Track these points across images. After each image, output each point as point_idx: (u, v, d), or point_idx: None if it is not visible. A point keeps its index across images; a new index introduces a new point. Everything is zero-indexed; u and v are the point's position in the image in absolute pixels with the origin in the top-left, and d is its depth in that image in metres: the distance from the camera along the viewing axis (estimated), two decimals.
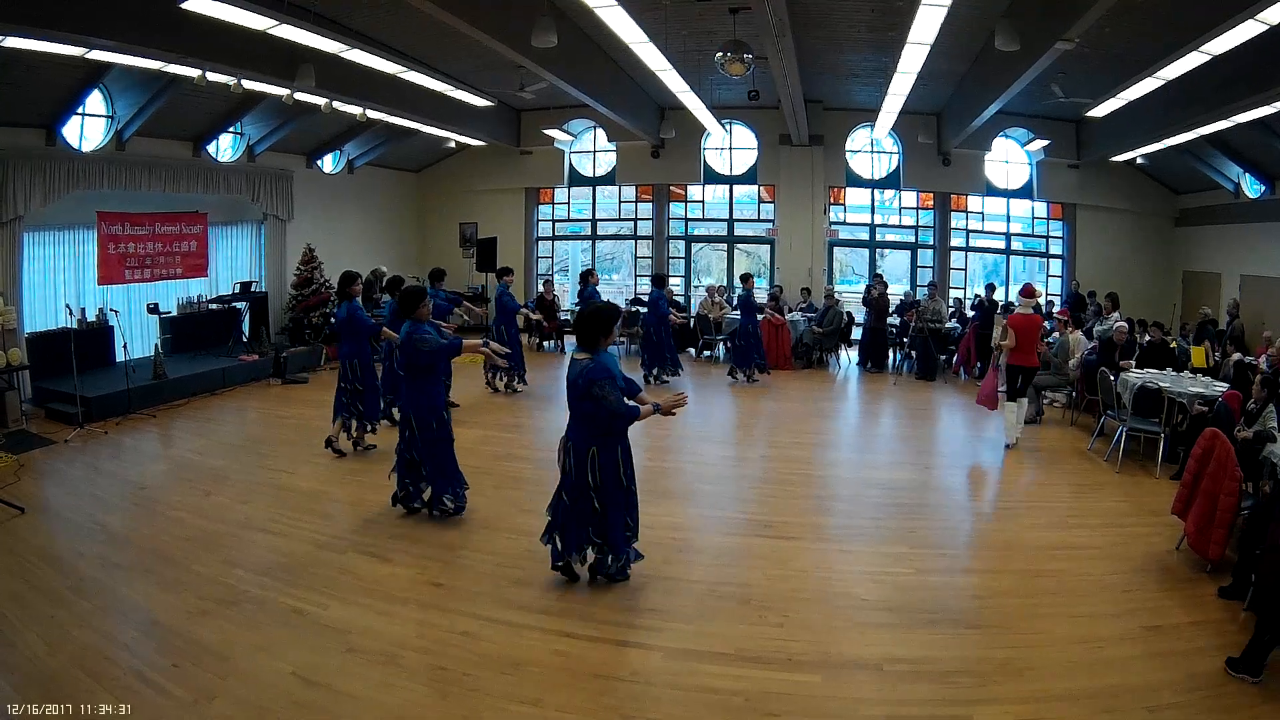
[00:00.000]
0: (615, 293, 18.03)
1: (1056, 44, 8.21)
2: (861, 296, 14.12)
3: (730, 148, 17.03)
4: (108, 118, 11.12)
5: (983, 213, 16.73)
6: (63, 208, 10.68)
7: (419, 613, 4.92)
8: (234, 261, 14.08)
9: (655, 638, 4.67)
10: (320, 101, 11.10)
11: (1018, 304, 9.65)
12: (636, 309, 14.65)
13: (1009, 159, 16.33)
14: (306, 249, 14.43)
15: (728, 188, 17.34)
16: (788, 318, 13.93)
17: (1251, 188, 12.99)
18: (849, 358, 14.52)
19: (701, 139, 16.73)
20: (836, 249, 17.33)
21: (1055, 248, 16.54)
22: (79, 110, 10.62)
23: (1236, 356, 8.67)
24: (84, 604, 4.95)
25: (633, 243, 18.07)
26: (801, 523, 6.60)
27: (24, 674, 4.15)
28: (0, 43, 7.92)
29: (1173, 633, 4.77)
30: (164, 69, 9.41)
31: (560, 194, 18.22)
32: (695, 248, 17.94)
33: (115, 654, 4.37)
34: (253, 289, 13.78)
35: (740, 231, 17.52)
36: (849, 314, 14.74)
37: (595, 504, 5.05)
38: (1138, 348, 10.05)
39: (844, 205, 16.89)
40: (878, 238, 17.14)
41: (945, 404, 11.45)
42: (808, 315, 14.50)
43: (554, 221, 18.41)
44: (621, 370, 5.14)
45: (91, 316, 11.18)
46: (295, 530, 6.25)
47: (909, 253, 17.13)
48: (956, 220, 16.67)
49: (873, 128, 15.27)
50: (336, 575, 5.43)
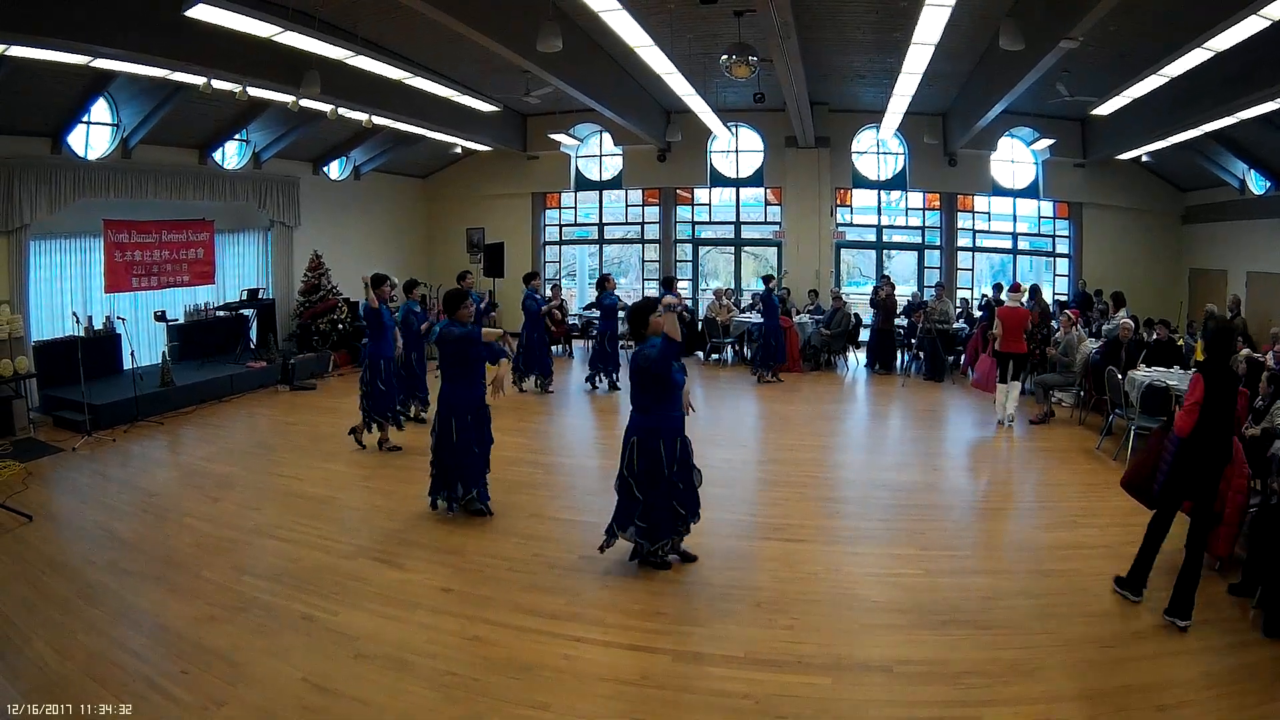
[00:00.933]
0: (623, 296, 17.98)
1: (1061, 42, 8.17)
2: (869, 298, 14.09)
3: (736, 150, 17.02)
4: (113, 126, 11.16)
5: (989, 213, 16.66)
6: (69, 216, 10.71)
7: (428, 618, 4.91)
8: (241, 269, 14.09)
9: (665, 641, 4.65)
10: (326, 108, 11.13)
11: (1006, 299, 10.53)
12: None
13: (1015, 159, 16.28)
14: (314, 256, 14.45)
15: (734, 190, 17.29)
16: (795, 320, 13.90)
17: (1257, 184, 12.93)
18: (857, 359, 14.50)
19: (707, 142, 16.74)
20: (843, 251, 17.28)
21: (1062, 247, 16.49)
22: (84, 119, 10.66)
23: (1245, 352, 8.59)
24: (93, 610, 4.95)
25: (640, 246, 18.05)
26: (811, 525, 6.58)
27: (32, 680, 4.14)
28: (5, 51, 7.94)
29: (1183, 632, 4.72)
30: (169, 77, 9.43)
31: (567, 198, 18.22)
32: (702, 251, 17.93)
33: (124, 660, 4.36)
34: (260, 296, 13.79)
35: (747, 234, 17.49)
36: (857, 316, 14.69)
37: (634, 491, 5.44)
38: (1144, 346, 10.00)
39: (850, 207, 16.86)
40: (884, 239, 17.13)
41: (954, 405, 11.40)
42: (815, 317, 14.47)
43: (561, 226, 18.41)
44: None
45: (99, 324, 11.22)
46: (304, 536, 6.24)
47: (916, 254, 17.07)
48: (963, 220, 16.60)
49: (878, 129, 15.24)
50: (346, 581, 5.42)
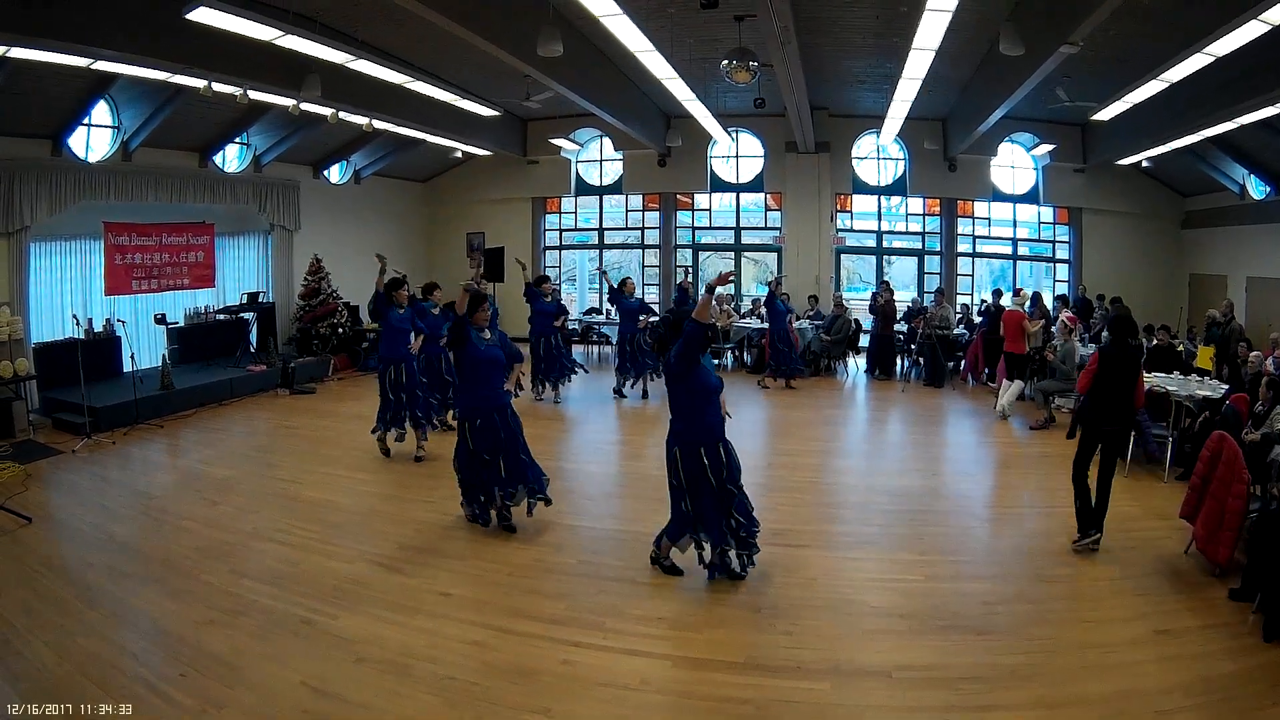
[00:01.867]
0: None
1: (1061, 48, 8.18)
2: (869, 304, 14.08)
3: (737, 155, 17.04)
4: (114, 128, 11.17)
5: (989, 218, 16.68)
6: (69, 218, 10.73)
7: (428, 622, 4.89)
8: (241, 272, 14.10)
9: (664, 646, 4.65)
10: (327, 112, 11.14)
11: (1008, 303, 10.86)
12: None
13: (1015, 164, 16.31)
14: (314, 259, 14.43)
15: (734, 196, 17.32)
16: (795, 325, 13.89)
17: (1257, 189, 12.94)
18: (857, 365, 14.48)
19: (708, 147, 16.75)
20: (844, 256, 17.30)
21: (1062, 252, 16.51)
22: (85, 121, 10.67)
23: (1255, 355, 8.57)
24: (92, 613, 4.94)
25: (640, 252, 18.06)
26: (811, 530, 6.55)
27: (32, 682, 4.13)
28: (6, 53, 7.96)
29: (1182, 636, 4.72)
30: (170, 79, 9.46)
31: (567, 203, 18.24)
32: (702, 256, 17.94)
33: (123, 663, 4.36)
34: (260, 299, 13.79)
35: (747, 239, 17.50)
36: (857, 321, 14.66)
37: (685, 502, 5.28)
38: (1144, 351, 10.00)
39: (850, 212, 16.89)
40: (884, 244, 17.14)
41: (953, 410, 11.38)
42: (815, 323, 14.46)
43: (561, 231, 18.44)
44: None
45: (99, 327, 11.22)
46: (304, 540, 6.23)
47: (916, 259, 17.08)
48: (963, 226, 16.62)
49: (879, 134, 15.26)
50: (345, 585, 5.40)
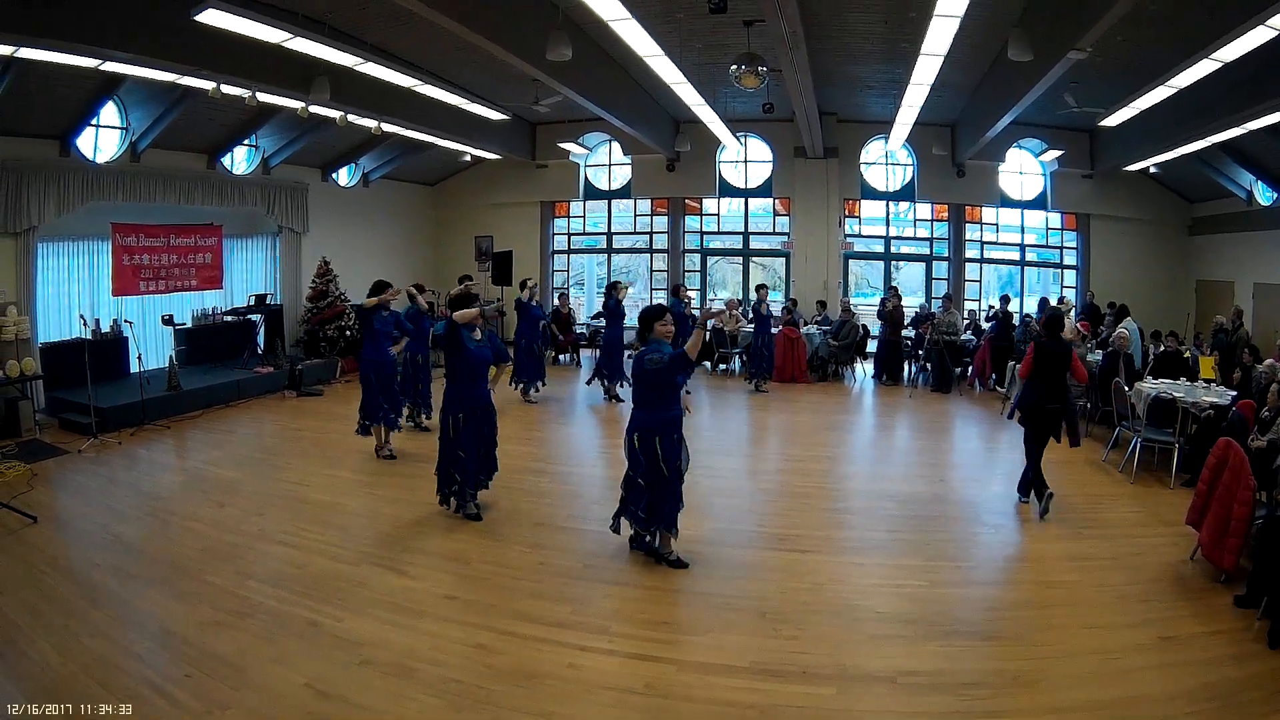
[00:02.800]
0: (629, 305, 18.00)
1: (1069, 53, 8.17)
2: (877, 309, 14.07)
3: (745, 160, 17.05)
4: (122, 129, 11.23)
5: (997, 224, 16.66)
6: (77, 219, 10.78)
7: (433, 625, 4.88)
8: (249, 274, 14.16)
9: (669, 650, 4.63)
10: (335, 115, 11.17)
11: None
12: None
13: (1023, 170, 16.27)
14: (322, 262, 14.47)
15: (743, 201, 17.34)
16: (803, 331, 13.88)
17: (1264, 195, 12.90)
18: (864, 370, 14.45)
19: (716, 152, 16.77)
20: (851, 262, 17.29)
21: (1070, 258, 16.48)
22: (93, 122, 10.74)
23: (1270, 362, 8.52)
24: (97, 613, 4.94)
25: (648, 256, 18.08)
26: (816, 535, 6.53)
27: (35, 682, 4.13)
28: (14, 53, 8.00)
29: (1187, 643, 4.71)
30: (178, 81, 9.49)
31: (576, 207, 18.26)
32: (711, 261, 17.94)
33: (127, 663, 4.35)
34: (268, 301, 13.83)
35: (756, 244, 17.51)
36: (864, 327, 14.65)
37: (638, 480, 5.68)
38: (1151, 358, 9.98)
39: (859, 218, 16.88)
40: (892, 250, 17.10)
41: (960, 416, 11.34)
42: (823, 328, 14.44)
43: (569, 235, 18.46)
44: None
45: (106, 327, 11.24)
46: (309, 542, 6.22)
47: (924, 265, 17.07)
48: (971, 232, 16.61)
49: (887, 139, 15.23)
50: (351, 587, 5.39)
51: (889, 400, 12.55)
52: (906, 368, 14.00)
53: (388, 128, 12.67)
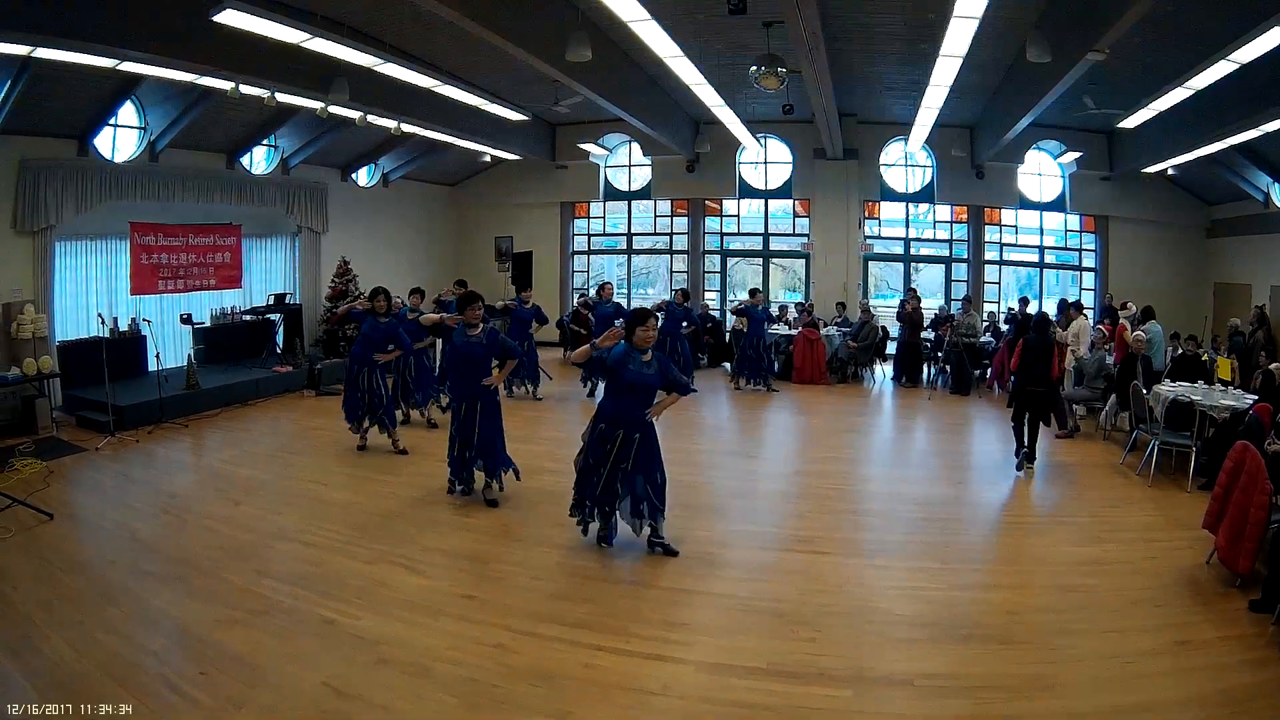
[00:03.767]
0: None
1: (1088, 55, 8.11)
2: (896, 311, 13.99)
3: (765, 162, 17.00)
4: (140, 129, 11.29)
5: (1016, 226, 16.55)
6: (95, 218, 10.84)
7: (451, 624, 4.85)
8: (268, 273, 14.22)
9: (687, 651, 4.58)
10: (355, 115, 11.18)
11: None
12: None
13: (1042, 172, 16.14)
14: (341, 262, 14.52)
15: (763, 202, 17.29)
16: (822, 332, 13.82)
17: None
18: (884, 372, 14.37)
19: (736, 153, 16.72)
20: (871, 263, 17.20)
21: (1088, 260, 16.32)
22: (111, 121, 10.81)
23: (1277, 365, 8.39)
24: (112, 610, 4.93)
25: (668, 257, 18.05)
26: (834, 538, 6.47)
27: (49, 678, 4.12)
28: (32, 54, 8.04)
29: (1203, 648, 4.65)
30: (196, 81, 9.53)
31: (595, 208, 18.26)
32: (730, 262, 17.89)
33: (143, 661, 4.34)
34: (287, 301, 13.88)
35: (775, 246, 17.45)
36: (884, 328, 14.58)
37: (600, 475, 5.86)
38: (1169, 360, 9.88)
39: (878, 219, 16.80)
40: (912, 252, 17.01)
41: (979, 419, 11.23)
42: (843, 330, 14.37)
43: (589, 235, 18.46)
44: (635, 356, 5.69)
45: (124, 326, 11.30)
46: (327, 541, 6.20)
47: (943, 267, 16.97)
48: (990, 234, 16.50)
49: (906, 141, 15.14)
50: (368, 586, 5.37)
51: (908, 402, 12.46)
52: (926, 370, 13.90)
53: (407, 128, 12.68)
